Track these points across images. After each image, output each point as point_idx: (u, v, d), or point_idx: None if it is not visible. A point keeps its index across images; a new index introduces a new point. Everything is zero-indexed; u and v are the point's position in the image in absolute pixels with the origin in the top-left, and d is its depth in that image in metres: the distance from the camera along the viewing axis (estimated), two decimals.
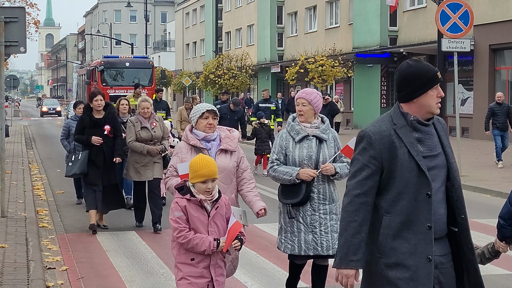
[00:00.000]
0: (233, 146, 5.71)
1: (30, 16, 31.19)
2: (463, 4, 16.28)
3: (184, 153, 5.63)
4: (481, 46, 26.85)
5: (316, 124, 6.05)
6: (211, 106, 5.74)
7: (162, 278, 7.66)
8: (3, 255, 7.99)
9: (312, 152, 5.96)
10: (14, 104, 60.75)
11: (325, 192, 5.98)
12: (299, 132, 6.00)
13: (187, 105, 17.14)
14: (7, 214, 10.48)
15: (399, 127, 3.74)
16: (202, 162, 4.66)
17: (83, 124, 10.15)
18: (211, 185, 4.67)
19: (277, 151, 6.05)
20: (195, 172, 4.65)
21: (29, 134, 33.23)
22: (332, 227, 5.95)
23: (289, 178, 5.88)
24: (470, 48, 17.84)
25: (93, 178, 10.00)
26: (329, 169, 5.90)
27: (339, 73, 28.31)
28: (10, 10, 11.56)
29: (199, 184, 4.66)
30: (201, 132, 5.65)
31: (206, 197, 4.69)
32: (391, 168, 3.70)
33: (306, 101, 6.03)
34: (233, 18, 56.23)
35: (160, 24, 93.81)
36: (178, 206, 4.71)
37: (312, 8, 42.86)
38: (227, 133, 5.79)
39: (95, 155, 10.02)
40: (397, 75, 3.81)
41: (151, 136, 10.19)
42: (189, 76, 49.60)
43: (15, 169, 16.72)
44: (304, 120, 6.04)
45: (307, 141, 5.99)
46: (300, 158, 5.96)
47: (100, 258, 8.54)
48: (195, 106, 5.79)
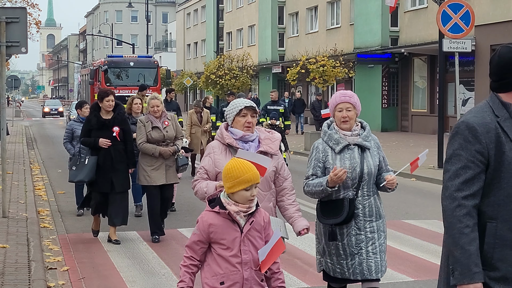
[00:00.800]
0: (274, 148, 5.07)
1: (31, 17, 31.14)
2: (464, 5, 16.28)
3: (217, 153, 5.00)
4: (482, 47, 26.84)
5: (357, 131, 5.31)
6: (250, 102, 5.09)
7: (163, 278, 7.66)
8: (4, 255, 7.99)
9: (356, 163, 5.19)
10: (16, 104, 60.69)
11: (371, 207, 5.23)
12: (339, 141, 5.23)
13: (196, 109, 16.45)
14: (8, 215, 10.48)
15: (502, 120, 3.27)
16: (243, 166, 3.96)
17: (90, 125, 9.30)
18: (255, 191, 4.02)
19: (313, 165, 5.28)
20: (236, 178, 3.92)
21: (30, 134, 33.25)
22: (380, 246, 5.23)
23: (321, 189, 5.12)
24: (471, 48, 17.83)
25: (101, 185, 9.22)
26: (395, 182, 5.20)
27: (340, 73, 28.31)
28: (11, 10, 11.56)
29: (242, 192, 3.95)
30: (239, 130, 5.01)
31: (241, 209, 3.98)
32: (497, 167, 3.23)
33: (351, 105, 5.26)
34: (234, 19, 56.24)
35: (161, 24, 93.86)
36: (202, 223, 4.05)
37: (313, 9, 42.86)
38: (267, 134, 5.17)
39: (103, 160, 9.20)
40: (496, 60, 3.35)
41: (163, 136, 9.44)
42: (190, 77, 49.66)
43: (16, 170, 16.73)
44: (349, 127, 5.27)
45: (348, 151, 5.23)
46: None
47: (101, 259, 8.54)
48: (232, 102, 5.14)
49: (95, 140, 9.19)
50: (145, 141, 9.37)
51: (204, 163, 5.02)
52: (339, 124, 5.26)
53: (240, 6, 55.07)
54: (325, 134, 5.33)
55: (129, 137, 9.42)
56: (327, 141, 5.28)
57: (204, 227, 4.01)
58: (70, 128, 11.43)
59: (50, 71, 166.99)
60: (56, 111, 62.01)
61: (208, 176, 4.96)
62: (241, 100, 5.11)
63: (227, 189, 3.99)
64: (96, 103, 9.33)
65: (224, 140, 4.99)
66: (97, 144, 9.17)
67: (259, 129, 5.17)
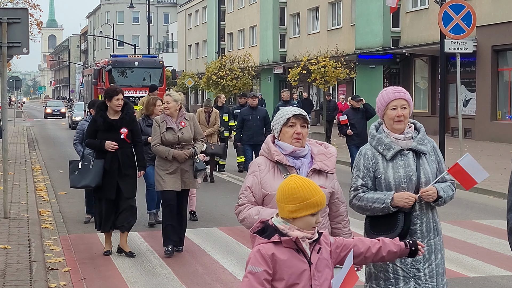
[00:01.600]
0: (330, 166, 4.29)
1: (33, 17, 31.17)
2: (465, 5, 16.27)
3: (264, 171, 4.24)
4: (483, 47, 26.83)
5: (410, 133, 4.58)
6: (299, 109, 4.29)
7: (165, 279, 7.66)
8: (5, 256, 7.99)
9: (412, 172, 4.47)
10: (17, 105, 60.70)
11: (428, 222, 4.50)
12: (391, 146, 4.50)
13: (206, 108, 15.70)
14: (10, 215, 10.48)
15: None
16: (311, 186, 3.31)
17: (95, 126, 8.61)
18: (320, 217, 3.42)
19: (362, 174, 4.53)
20: (303, 200, 3.27)
21: (31, 135, 33.27)
22: (438, 268, 4.48)
23: (381, 207, 4.41)
24: (473, 49, 17.83)
25: (106, 190, 8.52)
26: (432, 194, 4.40)
27: (342, 74, 28.26)
28: (12, 11, 11.59)
29: (307, 218, 3.30)
30: (287, 144, 4.24)
31: (306, 234, 3.32)
32: None
33: (406, 102, 4.53)
34: (235, 19, 56.25)
35: (162, 25, 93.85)
36: (262, 256, 3.28)
37: (315, 9, 42.86)
38: (321, 148, 4.38)
39: (109, 164, 8.50)
40: None
41: (177, 138, 8.64)
42: (191, 77, 49.64)
43: (18, 170, 16.73)
44: (403, 128, 4.55)
45: (402, 157, 4.50)
46: (397, 181, 4.47)
47: (103, 259, 8.53)
48: (277, 113, 4.34)
49: (101, 143, 8.50)
50: (159, 143, 8.65)
51: (249, 183, 4.26)
52: (392, 125, 4.53)
53: (242, 7, 55.08)
54: (373, 138, 4.59)
55: (138, 138, 8.80)
56: (377, 146, 4.55)
57: (266, 259, 3.26)
58: (82, 129, 10.70)
59: (51, 71, 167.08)
60: (58, 112, 61.79)
61: (255, 198, 4.23)
62: (288, 108, 4.34)
63: (289, 213, 3.30)
64: (103, 102, 8.63)
65: (273, 157, 4.24)
66: (103, 147, 8.49)
67: (310, 142, 4.39)
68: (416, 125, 4.66)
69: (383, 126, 4.60)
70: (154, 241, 9.52)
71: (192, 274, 7.87)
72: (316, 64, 28.32)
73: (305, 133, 4.24)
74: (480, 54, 26.97)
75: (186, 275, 7.82)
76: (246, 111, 15.80)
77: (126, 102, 8.66)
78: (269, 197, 4.16)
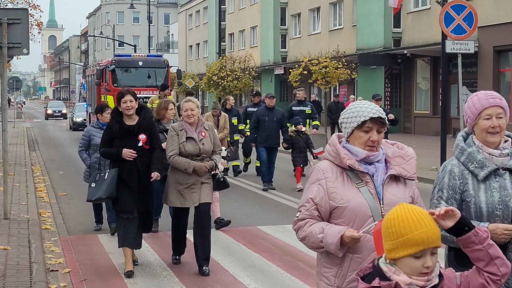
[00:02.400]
0: (410, 171, 3.60)
1: (33, 18, 31.18)
2: (467, 6, 16.23)
3: (331, 179, 3.55)
4: (485, 48, 26.81)
5: (507, 149, 3.73)
6: (378, 111, 3.56)
7: (165, 280, 7.64)
8: (5, 257, 7.97)
9: (508, 196, 3.65)
10: (17, 106, 60.65)
11: None
12: (484, 164, 3.68)
13: (214, 111, 14.84)
14: (10, 216, 10.46)
15: None
16: (410, 218, 2.62)
17: (111, 133, 7.82)
18: (432, 260, 2.63)
19: (447, 196, 3.74)
20: (400, 236, 2.61)
21: (32, 136, 33.25)
22: None
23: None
24: (474, 49, 17.79)
25: (126, 204, 7.74)
26: None
27: (343, 74, 28.22)
28: (13, 11, 11.56)
29: (408, 260, 2.63)
30: (360, 149, 3.56)
31: (415, 282, 2.63)
32: None
33: (503, 111, 3.69)
34: (236, 20, 56.25)
35: (163, 25, 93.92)
36: None
37: (316, 10, 42.85)
38: (396, 150, 3.67)
39: (128, 174, 7.74)
40: None
41: (198, 150, 7.82)
42: (192, 78, 49.66)
43: (18, 171, 16.70)
44: (498, 141, 3.70)
45: (496, 178, 3.69)
46: (490, 207, 3.67)
47: (103, 260, 8.51)
48: (350, 108, 3.64)
49: (118, 151, 7.73)
50: (177, 153, 7.78)
51: (312, 194, 3.56)
52: (485, 137, 3.69)
53: (242, 7, 55.09)
54: (462, 152, 3.78)
55: (157, 143, 7.97)
56: (466, 162, 3.74)
57: None
58: (87, 135, 9.91)
59: (51, 72, 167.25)
60: (59, 113, 61.42)
61: (319, 212, 3.55)
62: (365, 106, 3.58)
63: (387, 253, 2.68)
64: (117, 108, 7.93)
65: (344, 161, 3.54)
66: (120, 156, 7.73)
67: (384, 143, 3.68)
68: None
69: (473, 138, 3.78)
70: (155, 242, 9.50)
71: (192, 275, 7.84)
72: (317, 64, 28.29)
73: (380, 139, 3.58)
74: (481, 54, 26.95)
75: (187, 276, 7.79)
76: (262, 111, 14.97)
77: (143, 106, 8.00)
78: (339, 210, 3.53)
